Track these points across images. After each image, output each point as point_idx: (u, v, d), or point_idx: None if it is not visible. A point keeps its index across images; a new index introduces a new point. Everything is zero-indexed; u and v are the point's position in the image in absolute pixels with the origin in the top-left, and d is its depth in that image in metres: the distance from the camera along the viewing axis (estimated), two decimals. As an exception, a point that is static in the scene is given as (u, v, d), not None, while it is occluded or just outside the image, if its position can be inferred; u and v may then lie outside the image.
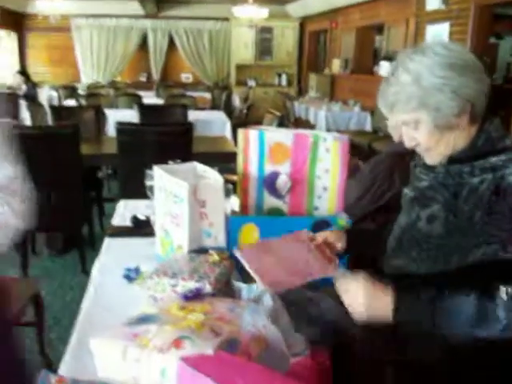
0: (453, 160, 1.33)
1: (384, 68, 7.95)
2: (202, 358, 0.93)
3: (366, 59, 9.17)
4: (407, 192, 1.46)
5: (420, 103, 1.27)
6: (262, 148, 1.59)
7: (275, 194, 1.62)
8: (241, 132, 1.62)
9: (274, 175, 1.60)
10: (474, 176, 1.28)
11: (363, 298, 1.23)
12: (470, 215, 1.25)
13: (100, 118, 5.49)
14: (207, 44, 12.09)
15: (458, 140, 1.31)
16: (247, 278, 1.37)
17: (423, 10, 6.86)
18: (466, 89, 1.26)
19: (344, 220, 1.55)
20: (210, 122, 6.59)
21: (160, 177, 1.71)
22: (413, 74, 1.26)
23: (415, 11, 7.06)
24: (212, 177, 1.62)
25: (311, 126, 8.24)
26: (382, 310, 1.22)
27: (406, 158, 1.60)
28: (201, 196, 1.59)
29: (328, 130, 7.35)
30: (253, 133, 1.59)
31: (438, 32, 6.46)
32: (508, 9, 7.56)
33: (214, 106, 9.30)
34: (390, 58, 7.95)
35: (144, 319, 1.17)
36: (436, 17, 6.57)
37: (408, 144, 1.35)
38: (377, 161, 2.12)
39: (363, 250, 1.57)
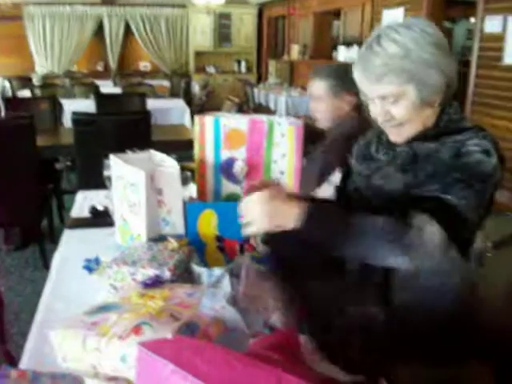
0: (416, 138, 1.35)
1: (342, 53, 8.02)
2: (160, 341, 0.93)
3: (325, 44, 9.22)
4: (362, 170, 1.48)
5: (410, 77, 1.27)
6: (217, 134, 1.60)
7: (232, 180, 1.63)
8: (196, 119, 1.62)
9: (231, 161, 1.61)
10: (436, 148, 1.31)
11: (263, 203, 1.18)
12: (430, 172, 1.28)
13: (56, 109, 5.38)
14: (165, 31, 11.93)
15: (428, 118, 1.35)
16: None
17: (379, -6, 6.94)
18: (449, 69, 1.30)
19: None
20: (169, 110, 6.53)
21: (117, 166, 1.70)
22: (402, 46, 1.27)
23: (371, -4, 7.14)
24: (169, 164, 1.62)
25: (271, 112, 8.26)
26: (287, 215, 1.17)
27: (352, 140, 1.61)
28: (158, 184, 1.59)
29: (288, 115, 7.38)
30: (208, 119, 1.60)
31: (393, 17, 6.54)
32: (461, -7, 7.68)
33: (173, 94, 9.22)
34: (347, 43, 8.02)
35: (104, 308, 1.18)
36: (391, 1, 6.65)
37: (381, 119, 1.35)
38: (329, 143, 2.15)
39: None
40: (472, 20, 6.87)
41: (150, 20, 11.79)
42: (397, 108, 1.31)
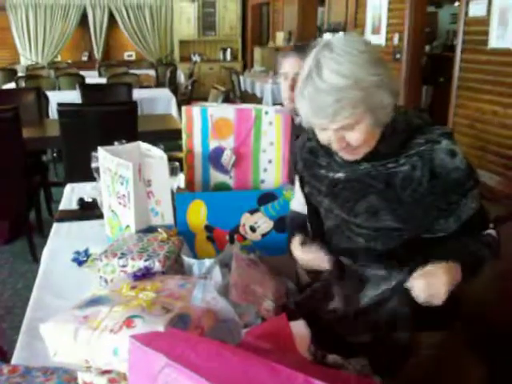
0: (374, 155, 1.32)
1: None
2: (152, 334, 0.93)
3: (310, 31, 9.18)
4: (337, 176, 1.41)
5: (366, 105, 1.22)
6: (205, 124, 1.59)
7: (221, 170, 1.63)
8: (184, 109, 1.61)
9: (219, 150, 1.61)
10: (402, 165, 1.30)
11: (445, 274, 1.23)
12: (414, 199, 1.29)
13: (41, 101, 5.32)
14: (149, 20, 11.83)
15: (377, 136, 1.31)
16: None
17: (363, -21, 6.91)
18: (393, 82, 1.28)
19: (290, 191, 1.58)
20: (156, 100, 6.49)
21: (104, 158, 1.69)
22: (350, 76, 1.20)
23: (356, -19, 7.11)
24: (156, 155, 1.62)
25: (258, 100, 8.24)
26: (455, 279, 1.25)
27: None
28: (146, 175, 1.58)
29: (274, 102, 7.36)
30: (195, 109, 1.59)
31: (378, 2, 6.53)
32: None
33: (159, 84, 9.16)
34: (332, 29, 7.99)
35: (94, 301, 1.17)
36: (376, -13, 6.62)
37: (338, 147, 1.28)
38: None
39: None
40: (456, 4, 6.89)
41: (134, 9, 11.68)
42: (353, 134, 1.25)
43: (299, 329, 1.13)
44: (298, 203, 1.57)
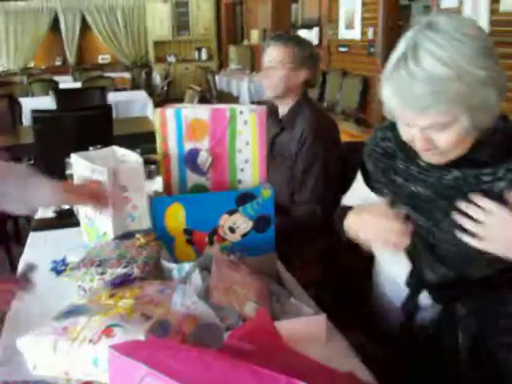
0: (468, 160, 1.14)
1: (302, 36, 7.99)
2: (132, 343, 0.92)
3: (284, 28, 9.17)
4: (416, 190, 1.25)
5: (465, 103, 1.03)
6: (179, 126, 1.57)
7: (197, 171, 1.61)
8: (157, 112, 1.59)
9: (195, 152, 1.59)
10: (499, 180, 1.11)
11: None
12: None
13: (14, 108, 5.24)
14: (122, 22, 11.73)
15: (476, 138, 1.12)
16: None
17: (335, -25, 6.93)
18: (501, 78, 1.07)
19: (268, 191, 1.56)
20: (131, 103, 6.43)
21: (78, 164, 1.67)
22: (451, 65, 1.01)
23: (327, -23, 7.13)
24: (132, 160, 1.60)
25: (234, 99, 8.22)
26: None
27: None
28: (121, 180, 1.56)
29: (252, 101, 7.35)
30: (169, 111, 1.57)
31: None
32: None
33: (135, 86, 9.10)
34: (307, 25, 8.01)
35: (73, 311, 1.15)
36: (348, -18, 6.65)
37: (422, 147, 1.11)
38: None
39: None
40: (428, -4, 6.93)
41: (106, 12, 11.58)
42: (443, 136, 1.07)
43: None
44: (353, 200, 1.41)
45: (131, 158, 1.64)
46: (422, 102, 1.03)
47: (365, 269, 1.52)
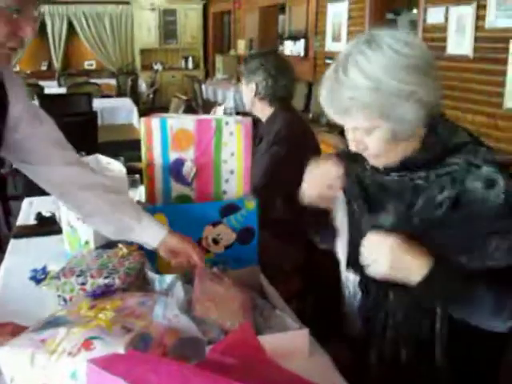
0: (404, 164, 1.22)
1: (288, 48, 8.04)
2: (111, 357, 0.90)
3: (271, 39, 9.23)
4: (363, 191, 1.33)
5: (381, 113, 1.12)
6: (164, 135, 1.56)
7: (182, 181, 1.60)
8: (142, 121, 1.58)
9: (179, 162, 1.58)
10: (431, 183, 1.18)
11: (391, 251, 1.11)
12: (423, 228, 1.18)
13: (-2, 113, 5.18)
14: (109, 29, 11.69)
15: (409, 146, 1.20)
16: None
17: (323, -12, 6.98)
18: (430, 95, 1.13)
19: (252, 202, 1.56)
20: (117, 110, 6.41)
21: (61, 172, 1.65)
22: (371, 77, 1.10)
23: (315, -10, 7.17)
24: (115, 168, 1.58)
25: (221, 108, 8.22)
26: (411, 271, 1.11)
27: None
28: (104, 189, 1.54)
29: (237, 111, 7.36)
30: (155, 121, 1.56)
31: (338, 10, 6.60)
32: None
33: (120, 93, 9.07)
34: (293, 37, 8.05)
35: (52, 323, 1.13)
36: (336, -5, 6.69)
37: (355, 148, 1.21)
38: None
39: None
40: (415, 11, 7.01)
41: (94, 18, 11.52)
42: (370, 139, 1.17)
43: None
44: None
45: (115, 166, 1.63)
46: (342, 105, 1.14)
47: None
